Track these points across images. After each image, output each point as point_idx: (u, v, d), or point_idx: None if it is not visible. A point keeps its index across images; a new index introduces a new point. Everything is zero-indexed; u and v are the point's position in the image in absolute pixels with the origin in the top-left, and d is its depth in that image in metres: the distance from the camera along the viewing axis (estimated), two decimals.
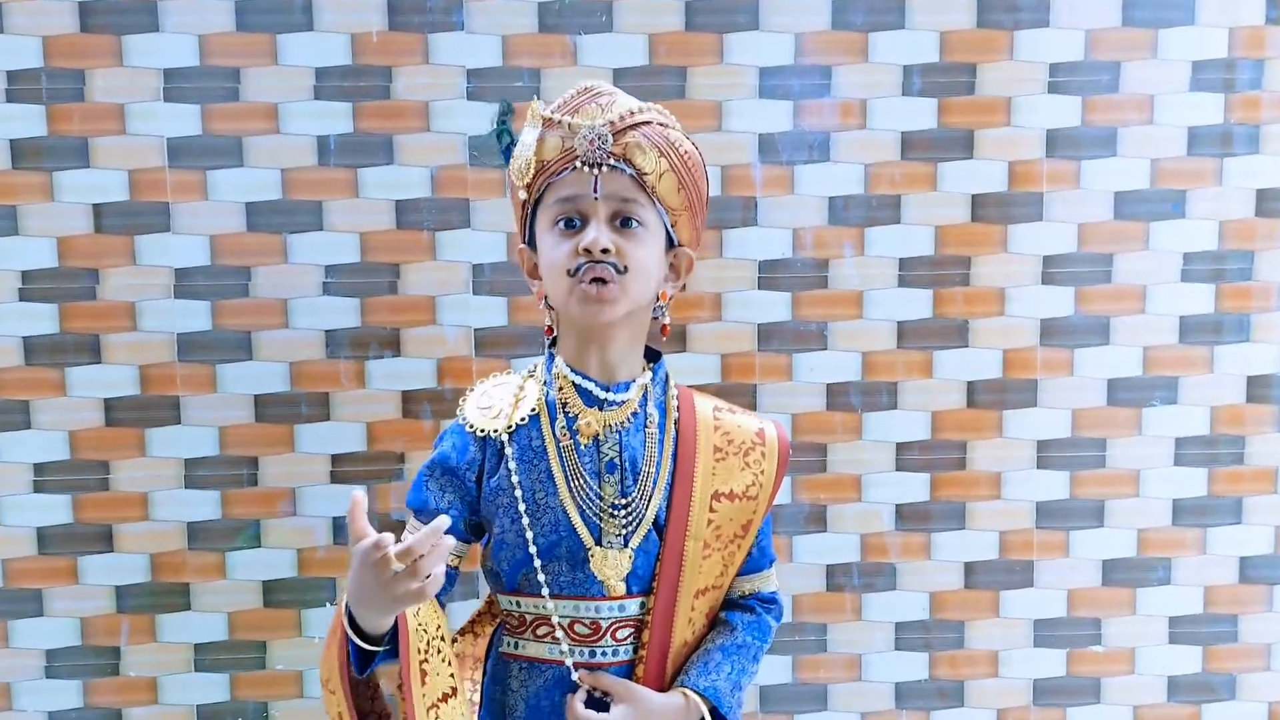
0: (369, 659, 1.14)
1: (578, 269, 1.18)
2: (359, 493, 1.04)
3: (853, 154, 1.76)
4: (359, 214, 1.73)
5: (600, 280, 1.18)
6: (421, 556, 1.01)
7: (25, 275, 1.71)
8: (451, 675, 1.20)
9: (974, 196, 1.78)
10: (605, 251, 1.17)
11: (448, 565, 1.25)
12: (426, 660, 1.16)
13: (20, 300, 1.72)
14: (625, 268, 1.19)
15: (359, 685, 1.18)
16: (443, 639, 1.20)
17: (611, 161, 1.17)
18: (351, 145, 1.72)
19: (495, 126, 1.27)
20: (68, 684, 1.80)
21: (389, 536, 1.02)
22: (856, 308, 1.79)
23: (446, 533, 1.23)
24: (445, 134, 1.72)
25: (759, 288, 1.78)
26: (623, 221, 1.20)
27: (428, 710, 1.15)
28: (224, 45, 1.69)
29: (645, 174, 1.18)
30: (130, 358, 1.74)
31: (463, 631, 1.35)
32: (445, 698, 1.18)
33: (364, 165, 1.72)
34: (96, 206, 1.71)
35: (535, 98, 1.23)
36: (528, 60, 1.71)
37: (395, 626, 1.14)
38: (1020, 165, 1.77)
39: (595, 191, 1.17)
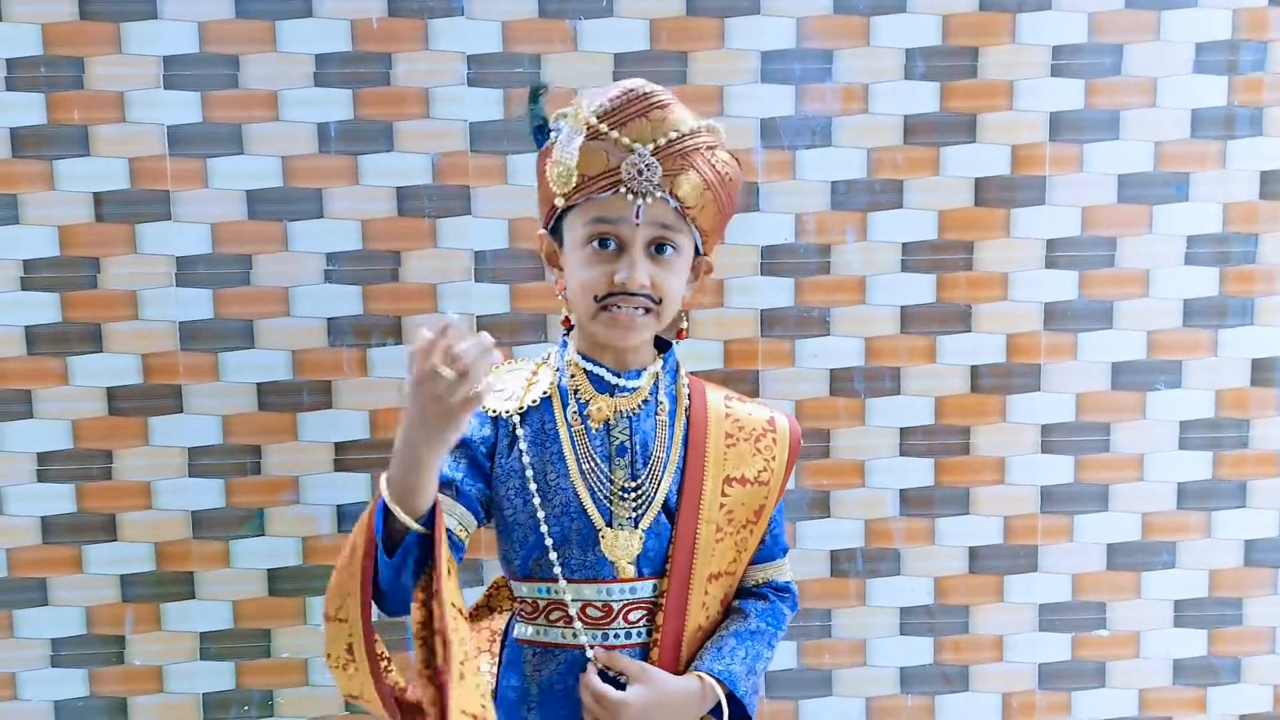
0: (392, 562, 1.11)
1: (608, 295, 1.18)
2: (453, 317, 1.01)
3: (855, 138, 1.76)
4: (360, 201, 1.73)
5: (634, 309, 1.18)
6: (468, 363, 0.99)
7: (27, 264, 1.71)
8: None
9: (977, 180, 1.77)
10: (643, 286, 1.17)
11: (455, 537, 1.22)
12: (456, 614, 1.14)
13: (22, 289, 1.72)
14: (660, 299, 1.19)
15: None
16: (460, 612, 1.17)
17: (657, 193, 1.16)
18: (352, 132, 1.71)
19: (528, 109, 1.24)
20: (73, 673, 1.80)
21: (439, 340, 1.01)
22: (859, 293, 1.79)
23: (460, 503, 1.22)
24: (446, 120, 1.71)
25: (761, 273, 1.78)
26: (658, 248, 1.19)
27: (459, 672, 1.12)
28: (223, 32, 1.68)
29: (689, 206, 1.17)
30: (132, 346, 1.74)
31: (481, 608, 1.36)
32: (466, 659, 1.16)
33: (364, 152, 1.72)
34: (97, 195, 1.70)
35: (579, 98, 1.17)
36: (528, 46, 1.71)
37: (431, 514, 1.10)
38: (1023, 149, 1.77)
39: (638, 219, 1.16)
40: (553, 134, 1.20)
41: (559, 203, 1.20)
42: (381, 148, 1.72)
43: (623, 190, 1.15)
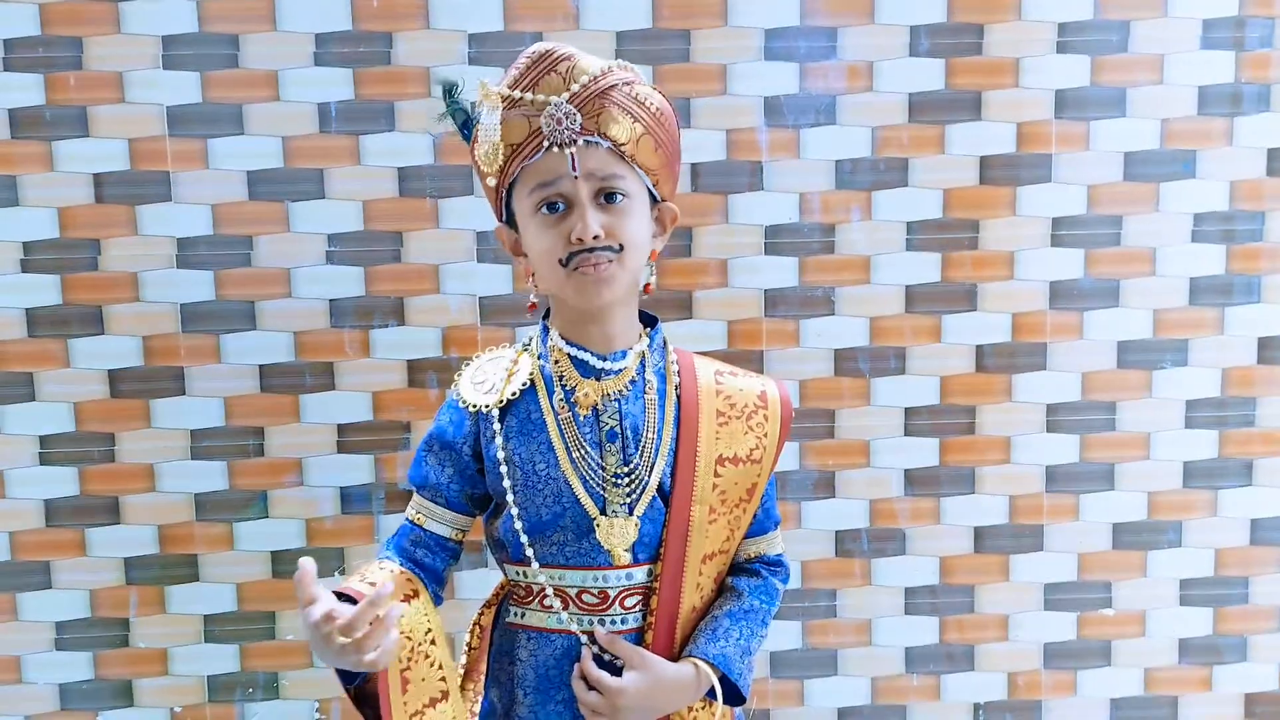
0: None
1: (570, 257, 1.16)
2: (307, 561, 1.01)
3: (860, 117, 1.74)
4: (361, 181, 1.72)
5: (598, 263, 1.16)
6: (365, 632, 1.02)
7: (26, 246, 1.70)
8: (443, 679, 1.19)
9: (982, 159, 1.76)
10: (596, 237, 1.15)
11: (450, 539, 1.26)
12: (409, 668, 1.15)
13: (22, 272, 1.71)
14: (620, 246, 1.17)
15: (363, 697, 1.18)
16: (433, 642, 1.19)
17: (585, 138, 1.14)
18: (353, 112, 1.70)
19: (447, 107, 1.23)
20: (78, 656, 1.81)
21: (340, 608, 1.02)
22: (864, 272, 1.78)
23: (449, 509, 1.24)
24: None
25: (765, 253, 1.77)
26: (607, 197, 1.17)
27: (410, 717, 1.15)
28: (222, 11, 1.67)
29: (622, 144, 1.15)
30: (133, 329, 1.73)
31: (488, 604, 1.34)
32: (433, 702, 1.18)
33: (365, 132, 1.71)
34: (97, 176, 1.70)
35: (481, 80, 1.17)
36: (529, 24, 1.70)
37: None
38: (1029, 126, 1.75)
39: (574, 170, 1.14)
40: (476, 124, 1.20)
41: (490, 183, 1.20)
42: (383, 127, 1.71)
43: (548, 145, 1.14)
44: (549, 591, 1.23)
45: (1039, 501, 1.84)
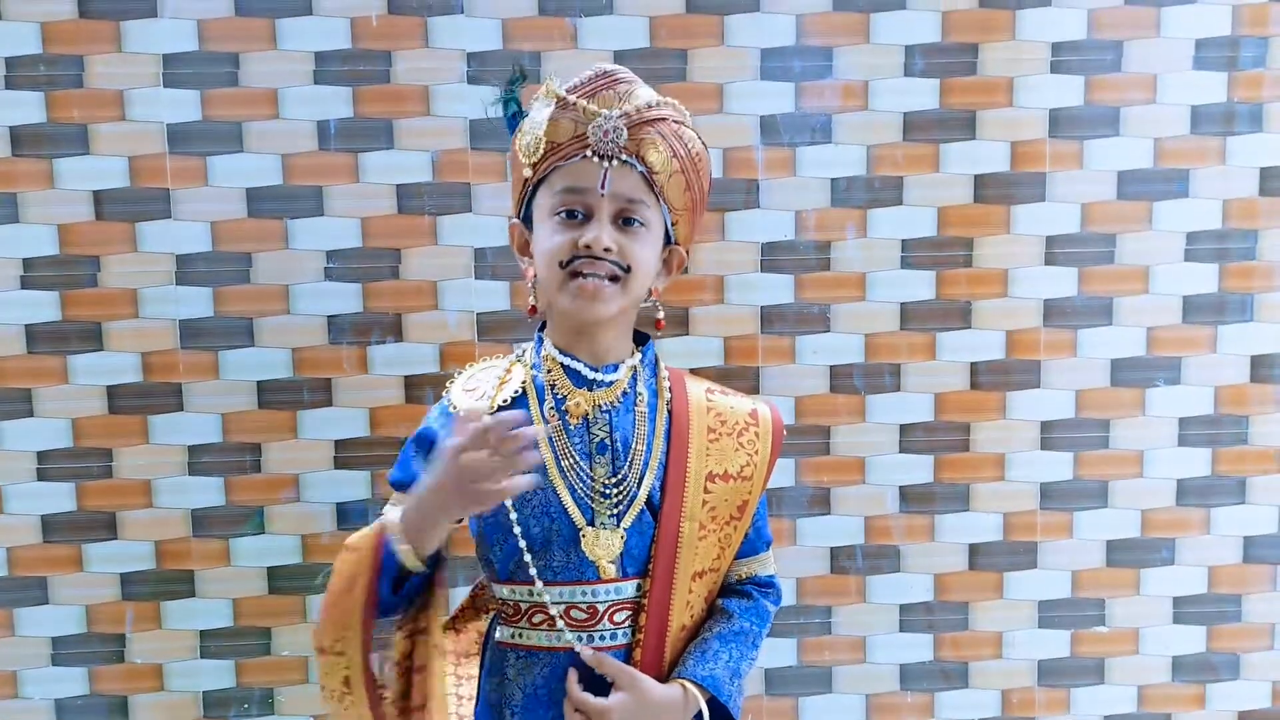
0: (396, 597, 1.15)
1: (571, 261, 1.17)
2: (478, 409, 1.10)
3: (855, 135, 1.75)
4: (360, 199, 1.73)
5: (601, 276, 1.17)
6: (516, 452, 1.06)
7: (27, 263, 1.71)
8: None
9: (976, 177, 1.77)
10: (607, 250, 1.16)
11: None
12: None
13: (22, 288, 1.72)
14: (628, 267, 1.19)
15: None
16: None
17: (623, 156, 1.16)
18: (352, 130, 1.71)
19: (504, 94, 1.25)
20: (73, 671, 1.80)
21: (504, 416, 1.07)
22: (859, 290, 1.79)
23: None
24: (446, 118, 1.71)
25: (761, 270, 1.78)
26: (625, 220, 1.19)
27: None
28: (223, 30, 1.68)
29: (655, 172, 1.17)
30: (132, 345, 1.74)
31: (445, 627, 1.34)
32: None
33: (364, 150, 1.72)
34: (97, 193, 1.70)
35: (549, 76, 1.20)
36: (528, 44, 1.71)
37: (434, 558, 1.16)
38: (1023, 145, 1.77)
39: (603, 187, 1.16)
40: (523, 117, 1.23)
41: (527, 173, 1.21)
42: (382, 145, 1.72)
43: (589, 154, 1.16)
44: (546, 601, 1.23)
45: (1033, 519, 1.85)
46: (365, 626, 1.14)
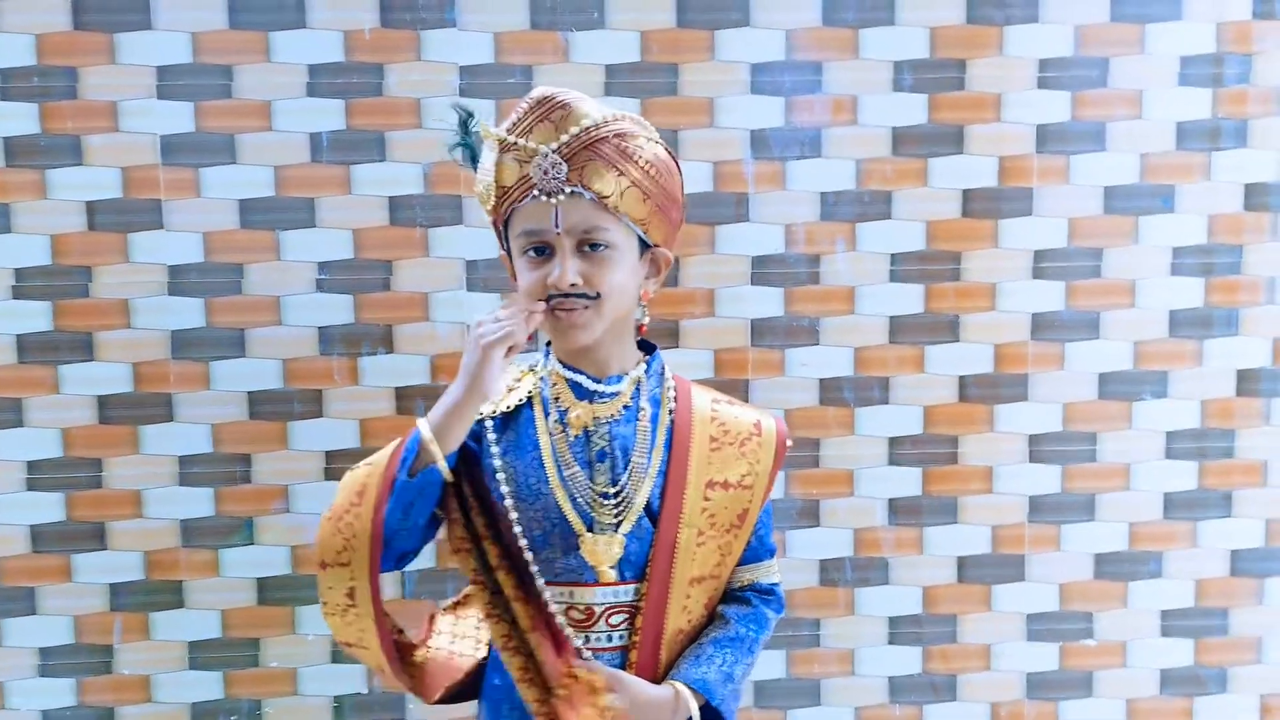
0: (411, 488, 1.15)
1: (549, 299, 1.19)
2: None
3: (844, 150, 1.77)
4: (352, 210, 1.74)
5: (575, 308, 1.19)
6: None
7: (18, 273, 1.72)
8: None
9: (965, 192, 1.79)
10: (574, 285, 1.18)
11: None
12: None
13: (13, 298, 1.72)
14: (597, 294, 1.20)
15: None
16: None
17: (568, 189, 1.16)
18: (344, 142, 1.72)
19: (458, 139, 1.27)
20: (61, 682, 1.80)
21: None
22: (848, 303, 1.80)
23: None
24: (438, 130, 1.72)
25: (751, 283, 1.79)
26: (591, 246, 1.19)
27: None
28: (216, 42, 1.69)
29: (605, 196, 1.17)
30: (123, 355, 1.74)
31: (445, 609, 1.39)
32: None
33: (357, 162, 1.73)
34: (89, 204, 1.71)
35: (477, 120, 1.22)
36: (519, 57, 1.72)
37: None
38: (1010, 160, 1.78)
39: (556, 225, 1.17)
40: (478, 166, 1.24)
41: (489, 218, 1.24)
42: (374, 157, 1.73)
43: (536, 193, 1.17)
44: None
45: (1021, 531, 1.85)
46: (375, 537, 1.13)
